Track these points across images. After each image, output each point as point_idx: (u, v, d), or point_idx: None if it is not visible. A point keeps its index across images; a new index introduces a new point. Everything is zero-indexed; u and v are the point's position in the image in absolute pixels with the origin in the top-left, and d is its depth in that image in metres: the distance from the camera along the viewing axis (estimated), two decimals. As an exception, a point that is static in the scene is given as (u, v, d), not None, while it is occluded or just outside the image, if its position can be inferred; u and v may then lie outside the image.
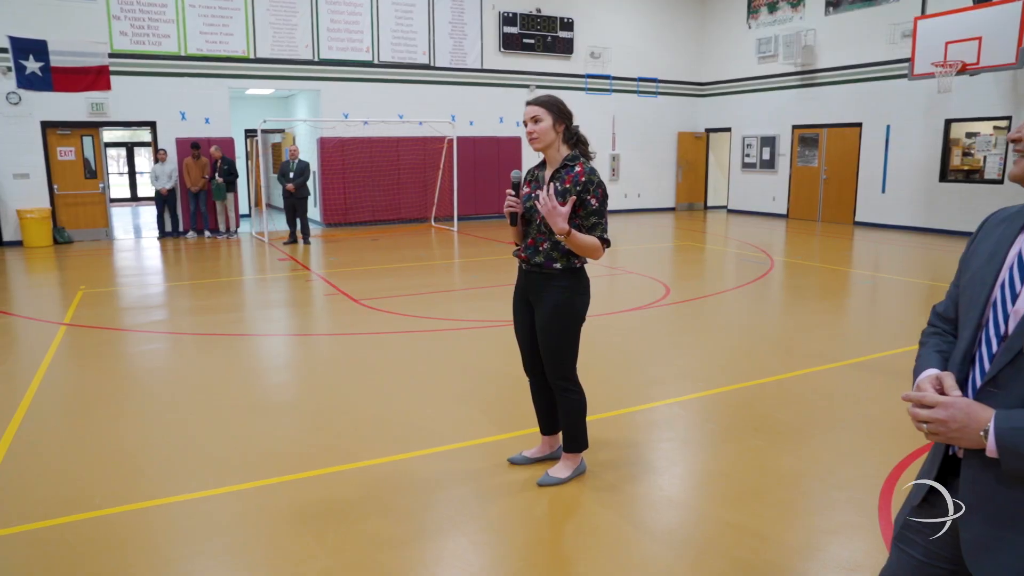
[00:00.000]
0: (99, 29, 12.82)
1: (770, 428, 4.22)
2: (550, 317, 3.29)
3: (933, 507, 1.55)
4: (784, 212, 17.08)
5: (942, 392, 1.44)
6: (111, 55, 12.90)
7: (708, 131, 19.40)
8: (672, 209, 19.50)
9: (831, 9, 15.49)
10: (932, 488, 1.56)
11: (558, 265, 3.22)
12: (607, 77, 17.90)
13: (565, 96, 16.63)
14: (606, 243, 3.18)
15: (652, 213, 18.77)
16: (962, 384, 1.46)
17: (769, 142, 17.26)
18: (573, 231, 3.07)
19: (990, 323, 1.43)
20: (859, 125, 15.12)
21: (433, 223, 15.80)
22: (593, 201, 3.12)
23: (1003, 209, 1.57)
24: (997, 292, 1.43)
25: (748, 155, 17.94)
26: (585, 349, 5.84)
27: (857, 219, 15.37)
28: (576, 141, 3.25)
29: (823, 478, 3.59)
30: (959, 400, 1.38)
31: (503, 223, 12.77)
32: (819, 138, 16.07)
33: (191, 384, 5.20)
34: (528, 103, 3.23)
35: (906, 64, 13.62)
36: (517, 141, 16.68)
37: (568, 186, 3.14)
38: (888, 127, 14.53)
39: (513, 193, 3.24)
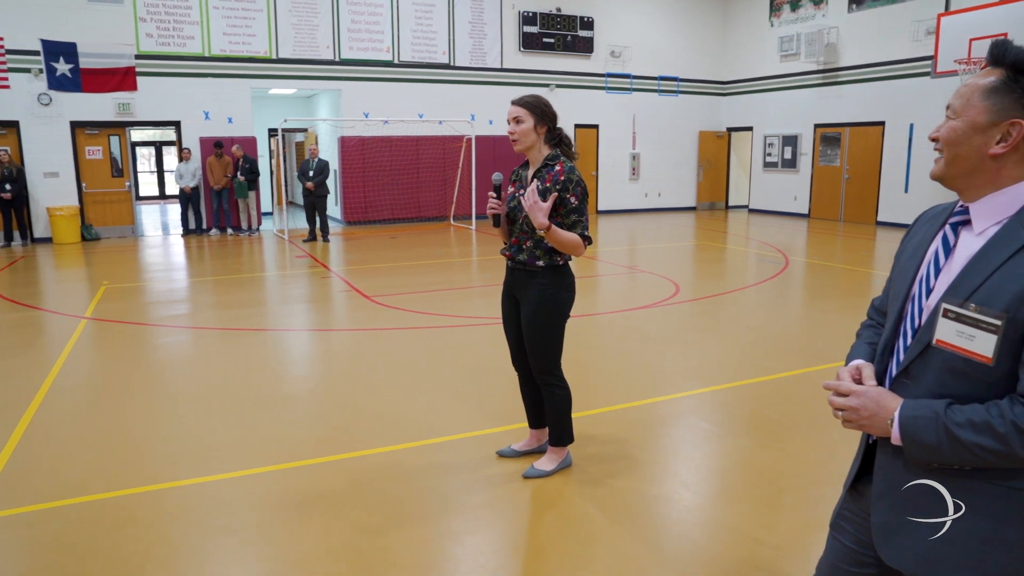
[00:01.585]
0: (126, 31, 13.14)
1: (760, 426, 4.25)
2: (534, 313, 3.36)
3: (862, 496, 1.60)
4: (806, 212, 16.93)
5: (860, 382, 1.49)
6: (137, 56, 13.22)
7: (730, 130, 19.28)
8: (693, 208, 19.42)
9: (854, 6, 15.31)
10: (859, 477, 1.61)
11: (541, 263, 3.29)
12: (627, 76, 17.88)
13: (585, 95, 16.80)
14: (587, 240, 3.23)
15: (672, 212, 18.71)
16: (882, 375, 1.51)
17: (791, 141, 17.12)
18: (553, 227, 3.13)
19: (908, 316, 1.47)
20: (882, 124, 14.94)
21: (452, 221, 15.93)
22: (572, 199, 3.18)
23: (935, 206, 1.61)
24: (916, 287, 1.47)
25: (770, 154, 17.81)
26: (582, 345, 5.93)
27: (880, 219, 15.18)
28: (558, 141, 3.31)
29: (808, 475, 3.61)
30: (871, 389, 1.43)
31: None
32: (841, 137, 15.89)
33: (199, 376, 5.37)
34: (512, 103, 3.29)
35: (929, 62, 13.44)
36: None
37: (548, 185, 3.20)
38: (911, 126, 14.33)
39: (494, 195, 3.31)
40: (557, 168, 3.22)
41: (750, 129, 18.50)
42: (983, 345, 1.29)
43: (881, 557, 1.47)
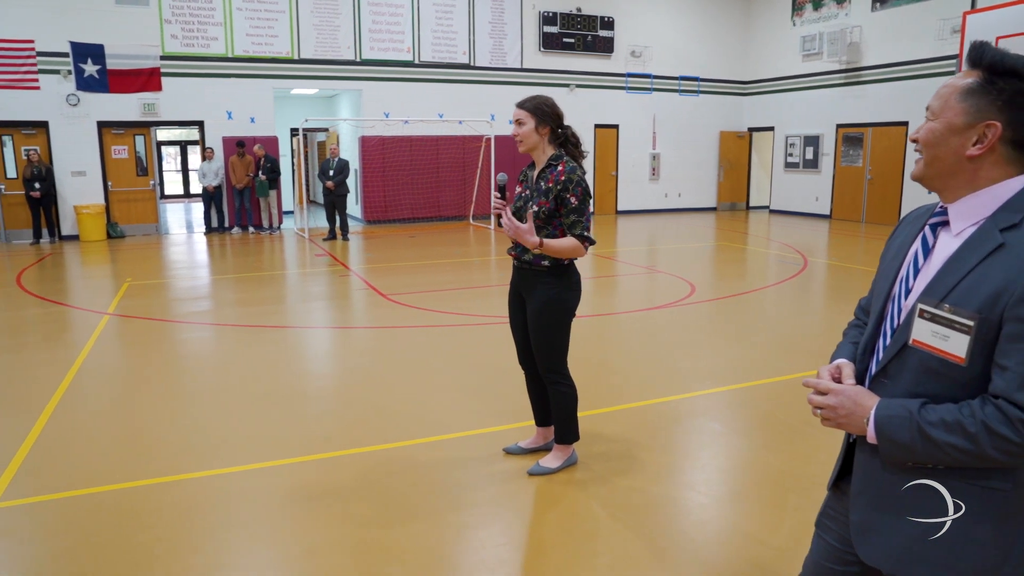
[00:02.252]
0: (151, 32, 13.37)
1: (771, 427, 4.24)
2: (539, 312, 3.40)
3: (844, 495, 1.61)
4: (827, 213, 16.76)
5: (840, 381, 1.50)
6: (162, 57, 13.45)
7: (751, 130, 19.14)
8: (713, 209, 19.30)
9: (877, 5, 15.13)
10: (841, 475, 1.63)
11: (546, 262, 3.32)
12: (648, 76, 17.82)
13: (605, 95, 16.72)
14: (588, 241, 3.26)
15: (692, 213, 18.62)
16: (863, 374, 1.53)
17: (812, 141, 16.96)
18: (545, 241, 3.18)
19: (889, 316, 1.49)
20: (905, 124, 14.74)
21: (471, 221, 16.00)
22: (572, 199, 3.21)
23: (920, 207, 1.62)
24: (897, 287, 1.49)
25: (791, 154, 17.65)
26: (594, 344, 5.96)
27: (903, 220, 14.97)
28: (563, 141, 3.34)
29: (815, 477, 3.60)
30: (848, 388, 1.44)
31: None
32: (864, 137, 15.71)
33: (216, 372, 5.47)
34: (516, 105, 3.34)
35: (954, 61, 13.25)
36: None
37: (551, 185, 3.24)
38: (936, 126, 14.11)
39: (499, 196, 3.35)
40: (559, 168, 3.26)
41: (771, 129, 18.36)
42: (957, 345, 1.30)
43: (859, 555, 1.48)
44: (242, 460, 3.79)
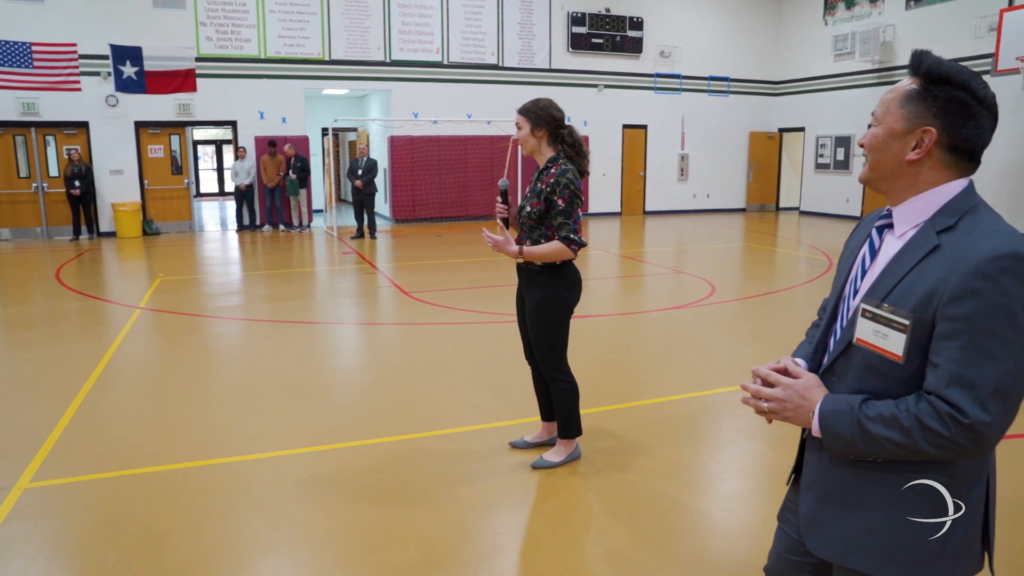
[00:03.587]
0: (187, 35, 13.72)
1: (777, 428, 4.26)
2: (537, 311, 3.49)
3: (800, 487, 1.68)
4: (858, 214, 16.54)
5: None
6: (197, 59, 13.80)
7: (781, 131, 18.95)
8: (743, 210, 19.16)
9: (912, 4, 14.90)
10: (798, 470, 1.69)
11: (539, 263, 3.42)
12: (677, 76, 17.76)
13: (634, 96, 16.65)
14: (574, 243, 3.32)
15: (721, 214, 18.50)
16: (815, 371, 1.59)
17: (844, 142, 16.74)
18: (526, 249, 3.33)
19: (840, 316, 1.55)
20: (939, 124, 14.48)
21: (498, 220, 16.09)
22: (560, 202, 3.29)
23: (877, 210, 1.68)
24: (847, 287, 1.55)
25: (822, 155, 17.45)
26: (606, 343, 6.02)
27: (935, 222, 14.72)
28: (561, 143, 3.42)
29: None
30: (797, 382, 1.50)
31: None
32: (897, 138, 15.46)
33: (240, 365, 5.66)
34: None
35: (990, 59, 12.98)
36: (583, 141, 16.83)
37: (543, 187, 3.34)
38: (970, 126, 13.85)
39: (501, 201, 3.45)
40: (552, 170, 3.35)
41: (802, 130, 18.17)
42: (895, 344, 1.36)
43: (807, 546, 1.54)
44: (259, 449, 3.94)
